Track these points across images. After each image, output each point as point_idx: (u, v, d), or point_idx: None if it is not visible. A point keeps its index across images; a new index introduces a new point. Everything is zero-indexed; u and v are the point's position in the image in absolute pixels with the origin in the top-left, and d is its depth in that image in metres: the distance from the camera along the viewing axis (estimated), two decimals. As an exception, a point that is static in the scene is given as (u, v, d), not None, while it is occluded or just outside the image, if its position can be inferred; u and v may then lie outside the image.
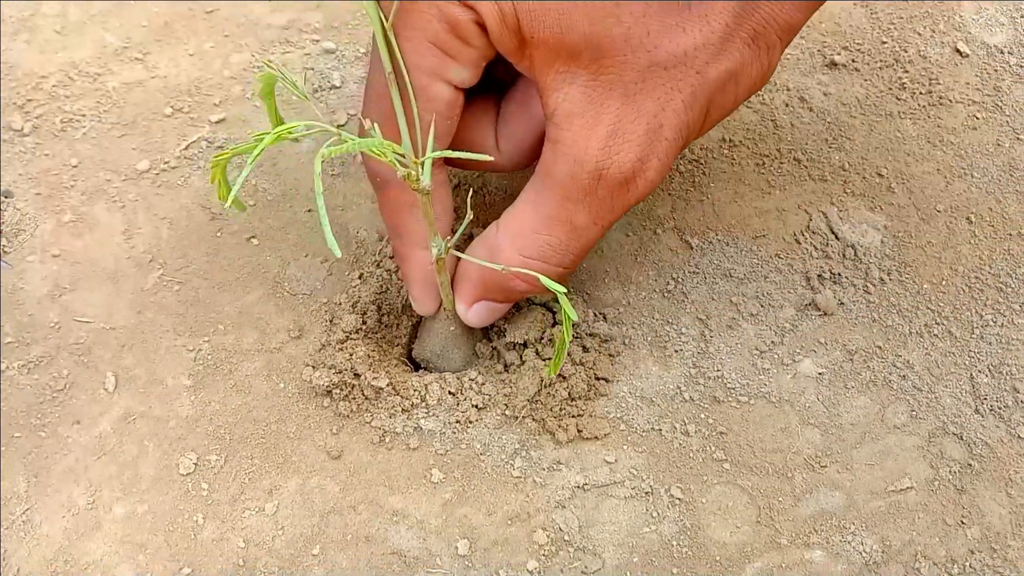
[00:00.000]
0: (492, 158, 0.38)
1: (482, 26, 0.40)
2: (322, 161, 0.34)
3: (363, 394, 0.48)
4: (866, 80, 0.58)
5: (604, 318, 0.51)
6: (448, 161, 0.46)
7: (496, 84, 0.46)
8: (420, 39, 0.41)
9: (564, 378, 0.48)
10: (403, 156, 0.38)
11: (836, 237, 0.53)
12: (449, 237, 0.43)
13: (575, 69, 0.40)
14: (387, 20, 0.39)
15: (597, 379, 0.49)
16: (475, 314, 0.47)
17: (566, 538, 0.45)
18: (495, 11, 0.39)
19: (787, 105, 0.57)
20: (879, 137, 0.56)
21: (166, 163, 0.55)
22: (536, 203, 0.43)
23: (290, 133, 0.36)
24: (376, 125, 0.39)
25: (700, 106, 0.41)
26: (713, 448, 0.48)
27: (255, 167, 0.55)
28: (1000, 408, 0.49)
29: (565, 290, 0.39)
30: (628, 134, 0.40)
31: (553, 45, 0.39)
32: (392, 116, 0.41)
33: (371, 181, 0.46)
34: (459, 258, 0.45)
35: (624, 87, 0.40)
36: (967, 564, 0.45)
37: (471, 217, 0.42)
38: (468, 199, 0.43)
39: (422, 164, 0.38)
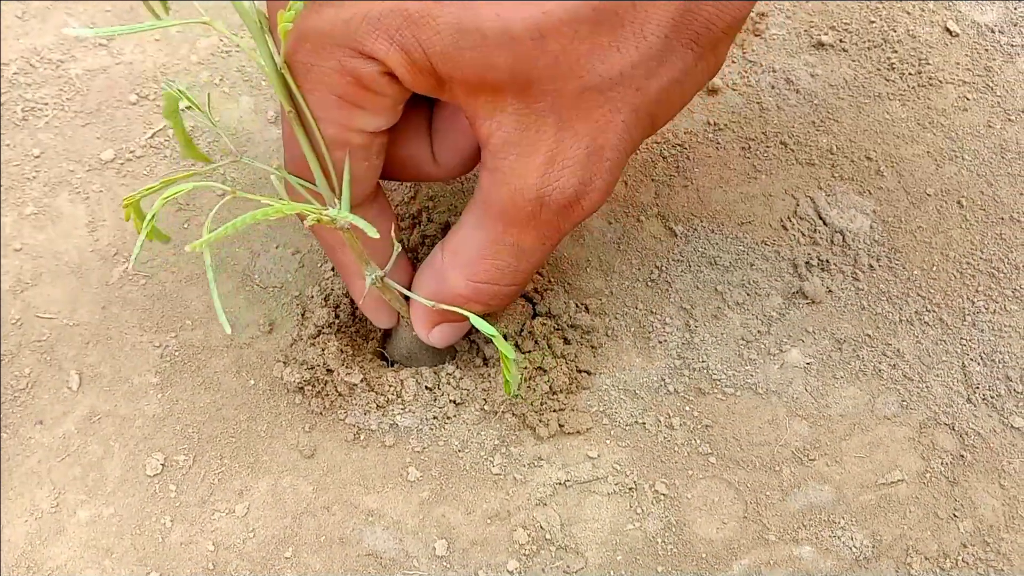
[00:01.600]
0: (378, 234, 0.35)
1: (390, 75, 0.37)
2: (195, 245, 0.32)
3: (336, 390, 0.46)
4: (854, 61, 0.57)
5: (586, 309, 0.49)
6: (387, 173, 0.44)
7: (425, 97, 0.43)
8: (324, 93, 0.38)
9: (545, 371, 0.46)
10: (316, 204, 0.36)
11: (824, 223, 0.52)
12: (382, 268, 0.42)
13: (503, 99, 0.37)
14: (278, 56, 0.37)
15: (579, 372, 0.48)
16: (438, 337, 0.45)
17: (547, 537, 0.44)
18: (403, 60, 0.36)
19: (773, 87, 0.55)
20: (868, 119, 0.55)
21: (131, 152, 0.53)
22: (479, 228, 0.41)
23: (176, 195, 0.35)
24: (280, 171, 0.38)
25: (643, 120, 0.38)
26: (698, 442, 0.46)
27: (224, 155, 0.53)
28: (992, 397, 0.47)
29: (496, 333, 0.37)
30: (567, 160, 0.38)
31: (475, 83, 0.36)
32: (304, 159, 0.39)
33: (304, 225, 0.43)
34: (403, 277, 0.44)
35: (558, 114, 0.37)
36: (960, 558, 0.44)
37: (399, 249, 0.40)
38: (392, 231, 0.41)
39: (338, 203, 0.37)
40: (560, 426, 0.46)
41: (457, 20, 0.35)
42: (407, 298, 0.45)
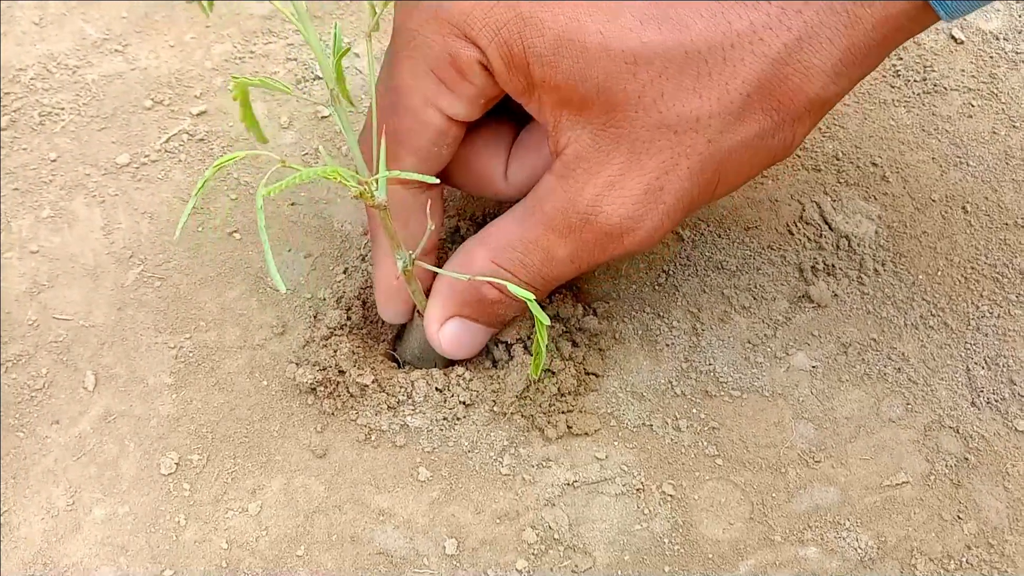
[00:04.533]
0: (437, 181, 0.37)
1: (485, 67, 0.39)
2: (266, 189, 0.33)
3: (348, 391, 0.47)
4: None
5: (594, 312, 0.50)
6: (456, 180, 0.46)
7: (515, 113, 0.45)
8: (420, 62, 0.40)
9: (553, 373, 0.47)
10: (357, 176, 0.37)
11: (830, 228, 0.52)
12: (413, 250, 0.42)
13: (586, 116, 0.39)
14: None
15: (587, 374, 0.48)
16: (448, 335, 0.45)
17: (556, 536, 0.45)
18: (503, 52, 0.38)
19: (779, 94, 0.56)
20: (873, 125, 0.56)
21: (146, 157, 0.54)
22: (521, 223, 0.42)
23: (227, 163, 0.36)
24: (324, 150, 0.40)
25: (708, 175, 0.39)
26: (705, 443, 0.47)
27: (237, 162, 0.54)
28: (997, 401, 0.48)
29: (533, 297, 0.38)
30: (625, 190, 0.39)
31: (565, 92, 0.38)
32: (391, 133, 0.41)
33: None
34: (433, 272, 0.45)
35: (631, 143, 0.38)
36: (964, 560, 0.44)
37: (432, 227, 0.41)
38: (427, 208, 0.42)
39: (376, 181, 0.38)
40: (568, 427, 0.47)
41: (563, 28, 0.37)
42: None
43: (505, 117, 0.45)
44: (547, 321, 0.39)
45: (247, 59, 0.58)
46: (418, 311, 0.46)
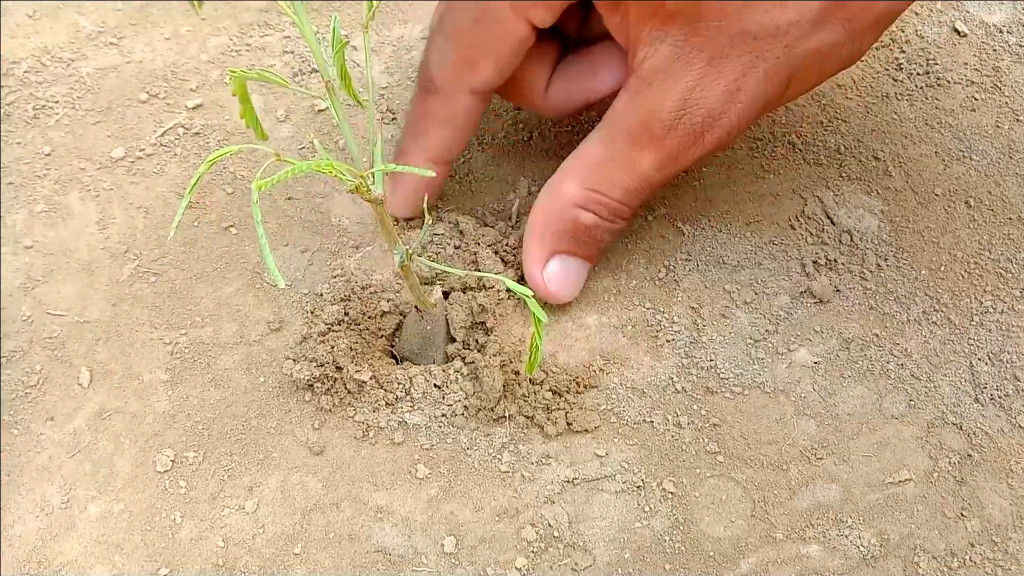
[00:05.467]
0: (434, 173, 0.37)
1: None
2: (261, 182, 0.33)
3: (346, 388, 0.46)
4: (862, 61, 0.57)
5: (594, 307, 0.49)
6: (500, 88, 0.48)
7: (561, 35, 0.48)
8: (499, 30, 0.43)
9: (547, 374, 0.47)
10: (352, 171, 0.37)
11: (832, 222, 0.52)
12: (409, 245, 0.42)
13: (668, 29, 0.41)
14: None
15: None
16: (554, 276, 0.47)
17: (555, 534, 0.44)
18: None
19: (781, 87, 0.55)
20: (875, 119, 0.55)
21: (141, 150, 0.54)
22: (604, 145, 0.44)
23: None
24: (320, 144, 0.40)
25: (781, 79, 0.42)
26: (706, 440, 0.46)
27: (233, 156, 0.53)
28: (1000, 397, 0.47)
29: (531, 294, 0.38)
30: (705, 91, 0.42)
31: (653, 5, 0.41)
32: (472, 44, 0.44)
33: (419, 81, 0.47)
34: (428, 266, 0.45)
35: (711, 50, 0.41)
36: (967, 557, 0.44)
37: (430, 222, 0.41)
38: (424, 204, 0.41)
39: (372, 175, 0.37)
40: (568, 424, 0.46)
41: None
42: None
43: (551, 37, 0.48)
44: (545, 319, 0.38)
45: (243, 52, 0.57)
46: (416, 305, 0.46)
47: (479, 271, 0.48)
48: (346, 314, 0.48)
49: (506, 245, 0.50)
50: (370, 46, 0.40)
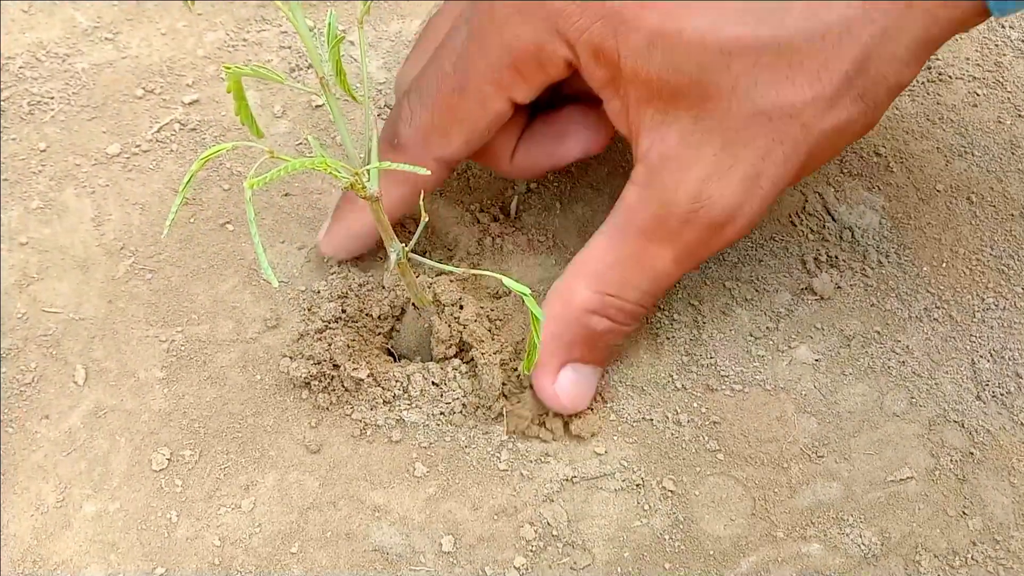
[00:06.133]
0: (428, 172, 0.37)
1: (568, 61, 0.40)
2: (254, 181, 0.32)
3: (343, 386, 0.46)
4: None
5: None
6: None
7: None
8: (502, 53, 0.41)
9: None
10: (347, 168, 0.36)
11: (833, 219, 0.51)
12: (406, 243, 0.41)
13: (675, 111, 0.39)
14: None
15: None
16: (566, 388, 0.44)
17: (554, 533, 0.44)
18: (594, 47, 0.39)
19: (782, 82, 0.55)
20: (877, 115, 0.55)
21: (137, 147, 0.53)
22: (615, 242, 0.42)
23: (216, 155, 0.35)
24: (316, 140, 0.38)
25: (801, 159, 0.40)
26: (706, 438, 0.46)
27: (229, 152, 0.53)
28: (1002, 394, 0.47)
29: (529, 292, 0.37)
30: (723, 180, 0.40)
31: (656, 85, 0.39)
32: (449, 111, 0.43)
33: (384, 135, 0.46)
34: (421, 264, 0.43)
35: (724, 133, 0.39)
36: (969, 556, 0.44)
37: (427, 220, 0.40)
38: (421, 202, 0.41)
39: (368, 172, 0.37)
40: (565, 424, 0.46)
41: (658, 23, 0.38)
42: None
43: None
44: (542, 316, 0.37)
45: (239, 47, 0.57)
46: (413, 304, 0.46)
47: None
48: (343, 311, 0.48)
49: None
50: (367, 41, 0.40)
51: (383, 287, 0.47)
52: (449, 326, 0.46)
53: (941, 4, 0.38)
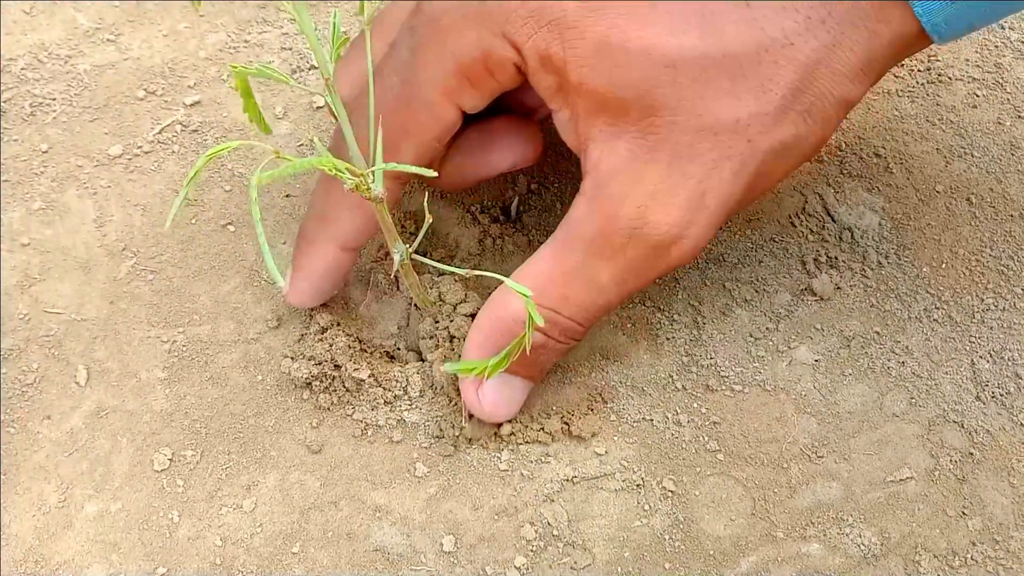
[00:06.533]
0: (436, 174, 0.37)
1: (517, 66, 0.39)
2: (260, 177, 0.33)
3: (344, 386, 0.46)
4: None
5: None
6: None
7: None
8: (449, 59, 0.40)
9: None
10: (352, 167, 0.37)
11: (832, 219, 0.51)
12: (410, 244, 0.41)
13: (623, 124, 0.39)
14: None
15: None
16: (489, 395, 0.43)
17: (555, 533, 0.44)
18: (541, 53, 0.39)
19: (781, 83, 0.55)
20: (876, 116, 0.55)
21: (139, 148, 0.54)
22: (559, 256, 0.41)
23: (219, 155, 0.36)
24: (320, 141, 0.38)
25: (748, 176, 0.40)
26: (706, 438, 0.46)
27: (231, 153, 0.53)
28: (1002, 395, 0.47)
29: (531, 293, 0.36)
30: (669, 196, 0.39)
31: (603, 96, 0.38)
32: (399, 126, 0.41)
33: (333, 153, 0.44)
34: (422, 263, 0.43)
35: (672, 148, 0.39)
36: (969, 556, 0.44)
37: (431, 221, 0.40)
38: (425, 202, 0.41)
39: (373, 173, 0.37)
40: (566, 424, 0.46)
41: (604, 33, 0.38)
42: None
43: None
44: (541, 321, 0.37)
45: (241, 48, 0.57)
46: (415, 304, 0.46)
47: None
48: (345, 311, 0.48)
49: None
50: (371, 44, 0.40)
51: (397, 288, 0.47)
52: (437, 321, 0.46)
53: (883, 22, 0.38)
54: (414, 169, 0.36)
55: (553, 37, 0.38)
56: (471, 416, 0.45)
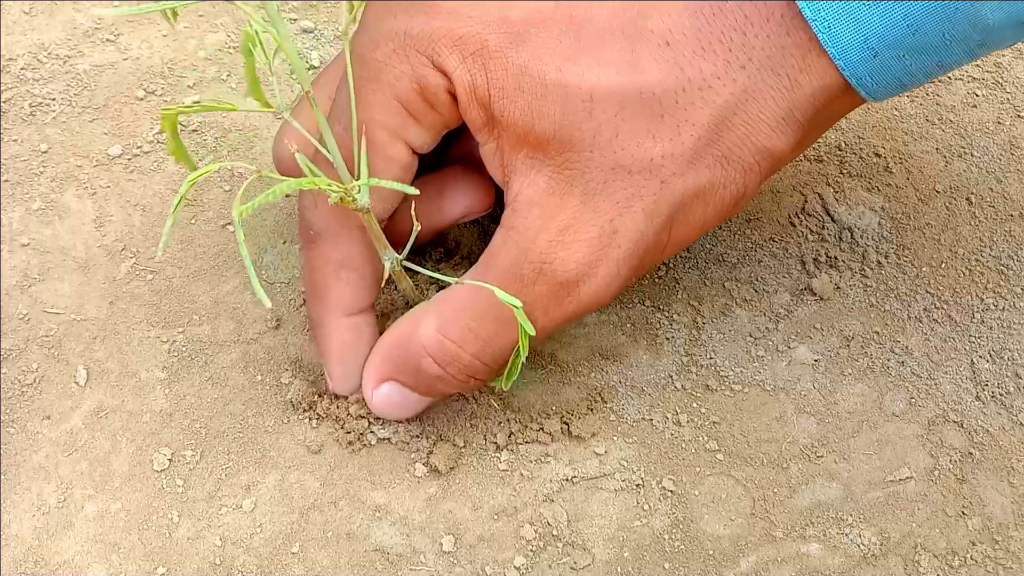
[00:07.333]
0: (417, 192, 0.37)
1: (452, 94, 0.39)
2: (240, 210, 0.33)
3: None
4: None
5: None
6: None
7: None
8: (387, 96, 0.39)
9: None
10: (336, 183, 0.37)
11: (832, 219, 0.51)
12: (400, 250, 0.41)
13: (543, 158, 0.38)
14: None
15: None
16: (381, 397, 0.43)
17: (554, 533, 0.44)
18: (468, 82, 0.38)
19: (781, 83, 0.55)
20: (876, 116, 0.55)
21: (138, 148, 0.53)
22: (473, 289, 0.40)
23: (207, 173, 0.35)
24: (299, 153, 0.37)
25: (662, 219, 0.39)
26: (706, 438, 0.46)
27: (231, 150, 0.53)
28: (1002, 395, 0.47)
29: (520, 304, 0.36)
30: (579, 233, 0.38)
31: (523, 129, 0.38)
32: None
33: (302, 235, 0.44)
34: (412, 270, 0.42)
35: (585, 185, 0.38)
36: (968, 556, 0.44)
37: (419, 228, 0.40)
38: (412, 212, 0.40)
39: (359, 187, 0.37)
40: (565, 424, 0.46)
41: (525, 64, 0.37)
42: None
43: None
44: (531, 330, 0.37)
45: (240, 49, 0.57)
46: (410, 306, 0.46)
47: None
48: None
49: None
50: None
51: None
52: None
53: (804, 71, 0.37)
54: (396, 186, 0.37)
55: (478, 68, 0.38)
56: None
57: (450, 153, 0.46)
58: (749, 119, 0.38)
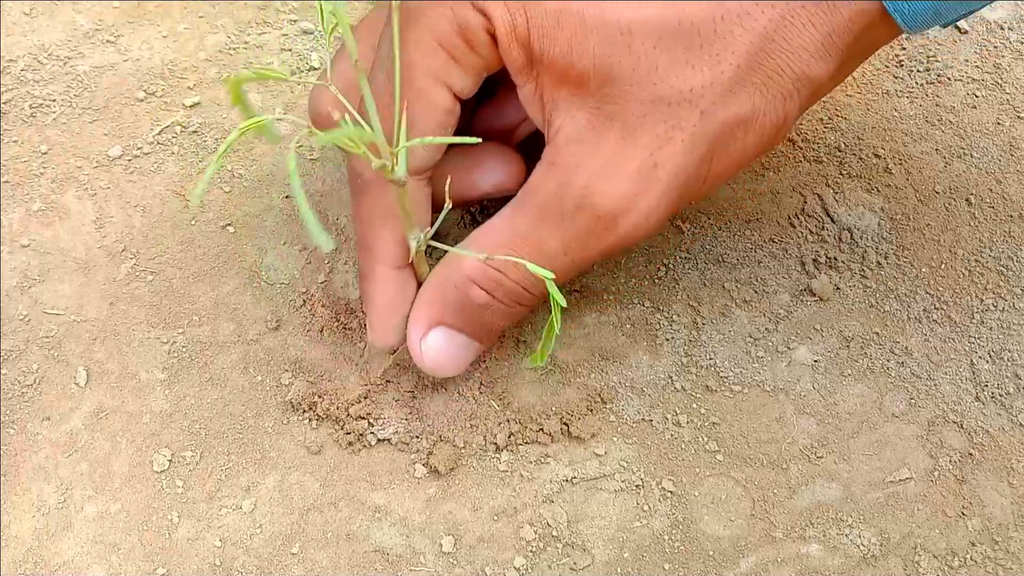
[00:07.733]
0: (479, 141, 0.37)
1: (492, 35, 0.39)
2: (296, 152, 0.32)
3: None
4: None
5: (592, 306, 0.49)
6: None
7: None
8: (428, 39, 0.40)
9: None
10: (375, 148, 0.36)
11: (832, 220, 0.51)
12: (428, 228, 0.41)
13: (583, 95, 0.39)
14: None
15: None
16: (431, 347, 0.43)
17: (554, 533, 0.44)
18: (508, 22, 0.38)
19: (781, 84, 0.55)
20: (876, 117, 0.55)
21: (139, 149, 0.54)
22: (511, 220, 0.41)
23: (258, 126, 0.34)
24: (347, 117, 0.36)
25: (702, 151, 0.39)
26: (706, 439, 0.46)
27: (230, 153, 0.53)
28: (1001, 395, 0.47)
29: (552, 276, 0.37)
30: (619, 167, 0.39)
31: (563, 66, 0.38)
32: (387, 108, 0.40)
33: (351, 183, 0.44)
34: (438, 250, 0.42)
35: (625, 119, 0.38)
36: (968, 556, 0.44)
37: (450, 207, 0.40)
38: (447, 187, 0.40)
39: (397, 154, 0.37)
40: (565, 425, 0.46)
41: (563, 2, 0.38)
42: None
43: None
44: (563, 302, 0.37)
45: (240, 50, 0.57)
46: None
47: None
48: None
49: None
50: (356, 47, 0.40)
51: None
52: None
53: None
54: (451, 140, 0.37)
55: (517, 7, 0.38)
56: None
57: (480, 127, 0.46)
58: (788, 45, 0.38)
